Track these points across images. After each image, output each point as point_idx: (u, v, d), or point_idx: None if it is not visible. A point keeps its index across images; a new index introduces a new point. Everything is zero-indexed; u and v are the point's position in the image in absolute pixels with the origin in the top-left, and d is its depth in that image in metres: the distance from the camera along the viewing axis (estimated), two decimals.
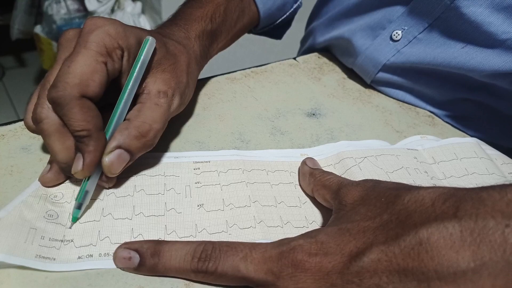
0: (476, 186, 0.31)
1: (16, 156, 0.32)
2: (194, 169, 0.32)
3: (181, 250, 0.24)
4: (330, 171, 0.34)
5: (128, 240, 0.26)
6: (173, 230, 0.28)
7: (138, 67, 0.28)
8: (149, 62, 0.30)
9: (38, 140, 0.33)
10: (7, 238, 0.24)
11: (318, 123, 0.41)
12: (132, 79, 0.28)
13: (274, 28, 0.56)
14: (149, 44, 0.29)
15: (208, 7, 0.40)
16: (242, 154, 0.34)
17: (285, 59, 0.52)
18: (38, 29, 1.53)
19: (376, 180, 0.27)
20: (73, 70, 0.25)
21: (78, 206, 0.27)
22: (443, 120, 0.45)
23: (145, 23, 1.38)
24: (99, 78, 0.26)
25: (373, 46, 0.46)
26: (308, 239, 0.22)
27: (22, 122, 0.35)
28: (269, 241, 0.24)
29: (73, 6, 1.46)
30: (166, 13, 1.29)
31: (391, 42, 0.44)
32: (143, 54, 0.29)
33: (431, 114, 0.45)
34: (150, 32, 0.32)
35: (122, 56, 0.28)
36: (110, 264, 0.25)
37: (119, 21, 0.29)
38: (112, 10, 1.37)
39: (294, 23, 0.60)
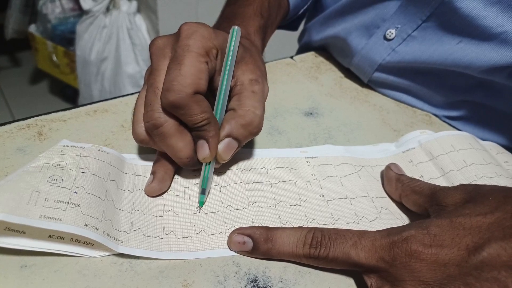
0: (475, 177, 0.32)
1: (11, 157, 0.31)
2: (193, 171, 0.32)
3: (292, 236, 0.26)
4: (330, 171, 0.34)
5: (128, 229, 0.27)
6: (171, 230, 0.28)
7: (231, 55, 0.30)
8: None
9: (33, 141, 0.33)
10: (8, 200, 0.23)
11: (315, 122, 0.41)
12: (227, 67, 0.29)
13: (294, 20, 0.58)
14: (237, 33, 0.30)
15: (255, 4, 0.43)
16: (241, 151, 0.34)
17: (282, 58, 0.51)
18: (32, 28, 1.52)
19: (474, 184, 0.28)
20: (184, 72, 0.26)
21: (203, 192, 0.29)
22: (440, 119, 0.45)
23: (141, 23, 1.37)
24: (205, 76, 0.28)
25: (368, 46, 0.46)
26: (420, 230, 0.23)
27: (18, 123, 0.35)
28: None
29: (68, 5, 1.45)
30: (162, 12, 1.28)
31: (385, 41, 0.44)
32: (233, 43, 0.30)
33: (428, 113, 0.45)
34: None
35: (217, 55, 0.29)
36: (112, 245, 0.25)
37: (207, 24, 0.30)
38: (108, 9, 1.36)
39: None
